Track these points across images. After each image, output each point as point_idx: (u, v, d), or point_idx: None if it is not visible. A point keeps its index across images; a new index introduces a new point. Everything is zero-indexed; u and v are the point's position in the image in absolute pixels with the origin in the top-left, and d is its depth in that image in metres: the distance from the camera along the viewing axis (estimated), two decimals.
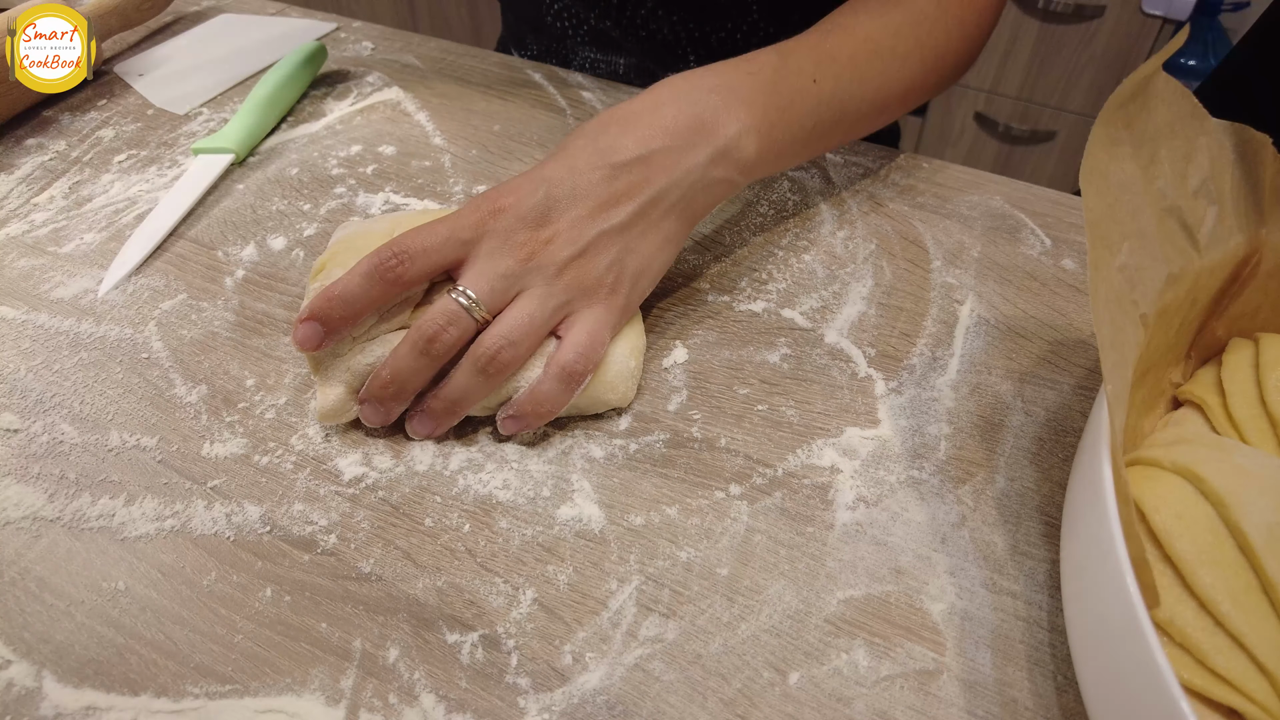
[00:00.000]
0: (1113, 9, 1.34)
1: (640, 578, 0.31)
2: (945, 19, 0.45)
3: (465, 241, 0.34)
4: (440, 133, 0.54)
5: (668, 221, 0.37)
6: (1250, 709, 0.23)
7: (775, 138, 0.39)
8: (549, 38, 0.70)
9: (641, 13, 0.62)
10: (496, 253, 0.34)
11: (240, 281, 0.43)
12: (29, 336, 0.40)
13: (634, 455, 0.35)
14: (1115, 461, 0.25)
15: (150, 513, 0.33)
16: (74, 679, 0.28)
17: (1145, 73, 0.29)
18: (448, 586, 0.31)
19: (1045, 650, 0.29)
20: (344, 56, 0.62)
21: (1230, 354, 0.33)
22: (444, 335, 0.33)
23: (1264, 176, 0.32)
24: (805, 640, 0.29)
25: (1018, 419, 0.36)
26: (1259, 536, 0.25)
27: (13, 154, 0.52)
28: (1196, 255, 0.31)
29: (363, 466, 0.34)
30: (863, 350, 0.39)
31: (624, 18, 0.63)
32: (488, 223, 0.34)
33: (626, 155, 0.35)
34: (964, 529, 0.32)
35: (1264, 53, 0.60)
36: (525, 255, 0.34)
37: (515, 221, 0.34)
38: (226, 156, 0.51)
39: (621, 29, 0.64)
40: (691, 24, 0.62)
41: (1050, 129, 1.51)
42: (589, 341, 0.34)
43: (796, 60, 0.41)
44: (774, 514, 0.33)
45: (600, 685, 0.28)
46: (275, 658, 0.29)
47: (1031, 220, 0.46)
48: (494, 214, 0.34)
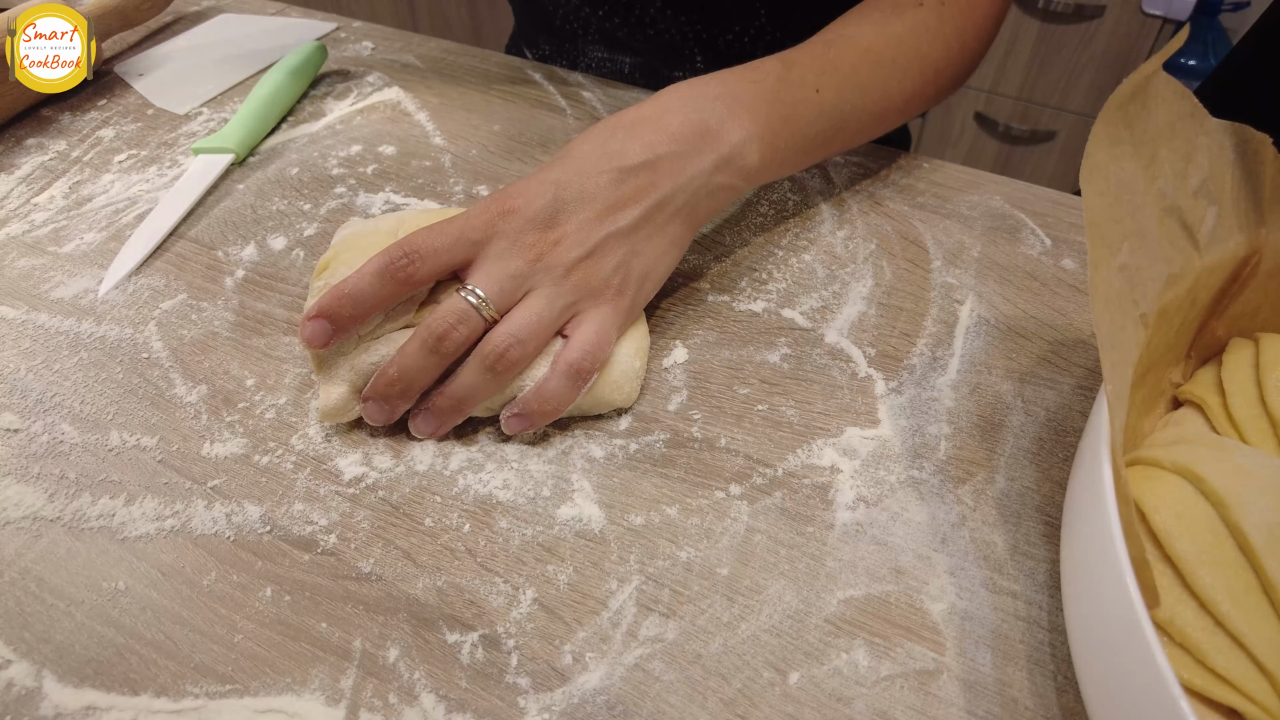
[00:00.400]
0: (1113, 9, 1.34)
1: (640, 578, 0.31)
2: (946, 31, 0.46)
3: (475, 242, 0.34)
4: (440, 133, 0.54)
5: (673, 225, 0.37)
6: (1250, 709, 0.23)
7: (778, 146, 0.40)
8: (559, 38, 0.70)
9: (650, 13, 0.62)
10: (506, 253, 0.34)
11: (240, 281, 0.43)
12: (29, 336, 0.40)
13: (634, 455, 0.35)
14: (1115, 461, 0.25)
15: (150, 513, 0.33)
16: (74, 679, 0.28)
17: (1145, 73, 0.29)
18: (448, 586, 0.31)
19: (1045, 650, 0.29)
20: (344, 56, 0.62)
21: (1230, 354, 0.33)
22: (453, 333, 0.33)
23: (1264, 176, 0.32)
24: (805, 640, 0.29)
25: (1018, 419, 0.36)
26: (1259, 536, 0.25)
27: (13, 154, 0.52)
28: (1196, 255, 0.31)
29: (363, 466, 0.34)
30: (863, 350, 0.39)
31: (631, 17, 0.63)
32: (497, 224, 0.34)
33: (633, 160, 0.36)
34: (964, 529, 0.32)
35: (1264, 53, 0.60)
36: (534, 256, 0.34)
37: (524, 223, 0.35)
38: (226, 156, 0.51)
39: (629, 28, 0.64)
40: (699, 25, 0.62)
41: (1050, 129, 1.51)
42: (596, 340, 0.35)
43: (800, 70, 0.41)
44: (774, 514, 0.33)
45: (600, 685, 0.28)
46: (275, 658, 0.29)
47: (1031, 220, 0.46)
48: (503, 215, 0.35)
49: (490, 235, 0.34)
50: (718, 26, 0.62)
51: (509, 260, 0.34)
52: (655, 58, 0.66)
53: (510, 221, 0.35)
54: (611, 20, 0.64)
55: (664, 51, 0.65)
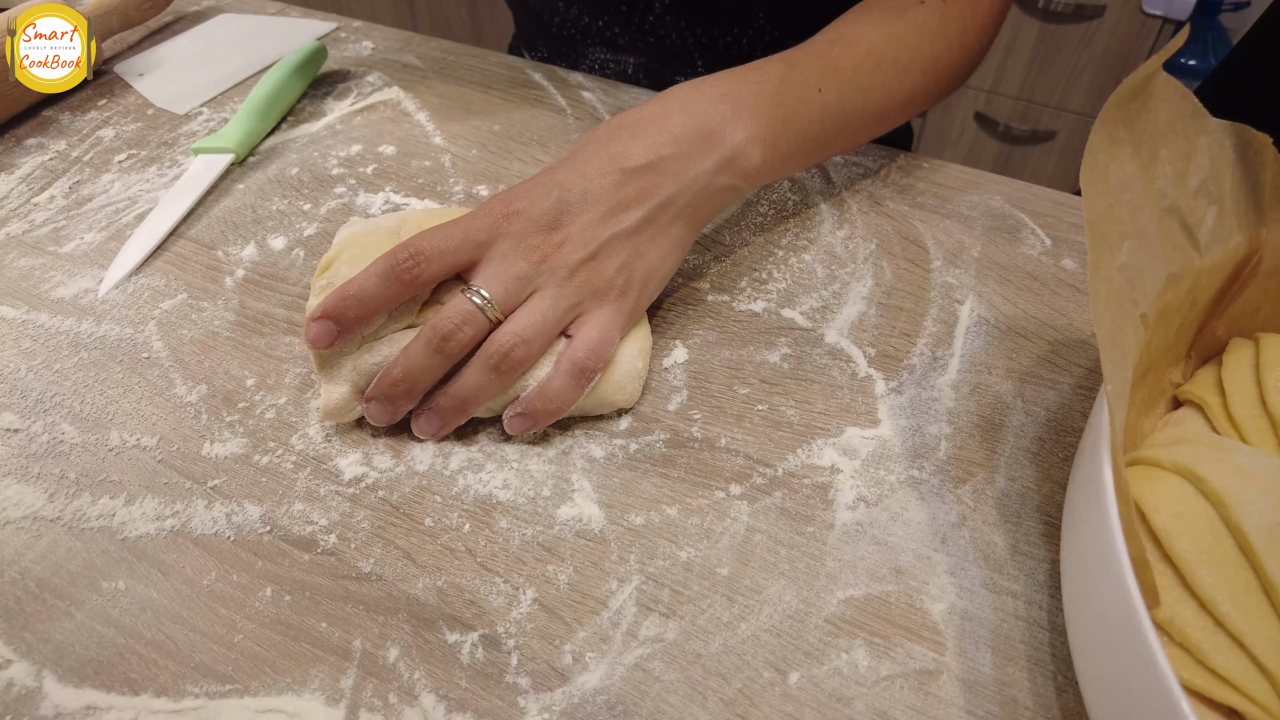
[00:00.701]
0: (1113, 9, 1.34)
1: (640, 577, 0.31)
2: (947, 31, 0.46)
3: (479, 243, 0.35)
4: (440, 133, 0.54)
5: (675, 226, 0.37)
6: (1250, 709, 0.23)
7: (779, 146, 0.40)
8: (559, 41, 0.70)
9: (650, 19, 0.62)
10: (510, 254, 0.35)
11: (240, 281, 0.43)
12: (29, 336, 0.40)
13: (634, 455, 0.35)
14: (1115, 461, 0.25)
15: (150, 512, 0.33)
16: (74, 679, 0.28)
17: (1145, 72, 0.29)
18: (448, 586, 0.31)
19: (1045, 650, 0.29)
20: (344, 56, 0.62)
21: (1230, 354, 0.33)
22: (459, 334, 0.33)
23: (1264, 176, 0.32)
24: (805, 640, 0.29)
25: (1018, 419, 0.36)
26: (1259, 536, 0.25)
27: (13, 154, 0.52)
28: (1196, 255, 0.31)
29: (363, 466, 0.34)
30: (863, 350, 0.39)
31: (632, 24, 0.63)
32: (501, 225, 0.35)
33: (636, 161, 0.36)
34: (964, 529, 0.32)
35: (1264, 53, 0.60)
36: (538, 258, 0.35)
37: (528, 224, 0.35)
38: (226, 156, 0.51)
39: (629, 35, 0.64)
40: (699, 29, 0.62)
41: (1050, 129, 1.51)
42: (600, 339, 0.35)
43: (801, 71, 0.41)
44: (774, 514, 0.33)
45: (600, 685, 0.28)
46: (275, 657, 0.29)
47: (1032, 220, 0.46)
48: (507, 217, 0.35)
49: (494, 237, 0.35)
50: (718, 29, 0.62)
51: (513, 261, 0.35)
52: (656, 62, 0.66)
53: (514, 223, 0.35)
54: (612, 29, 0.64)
55: (665, 56, 0.65)
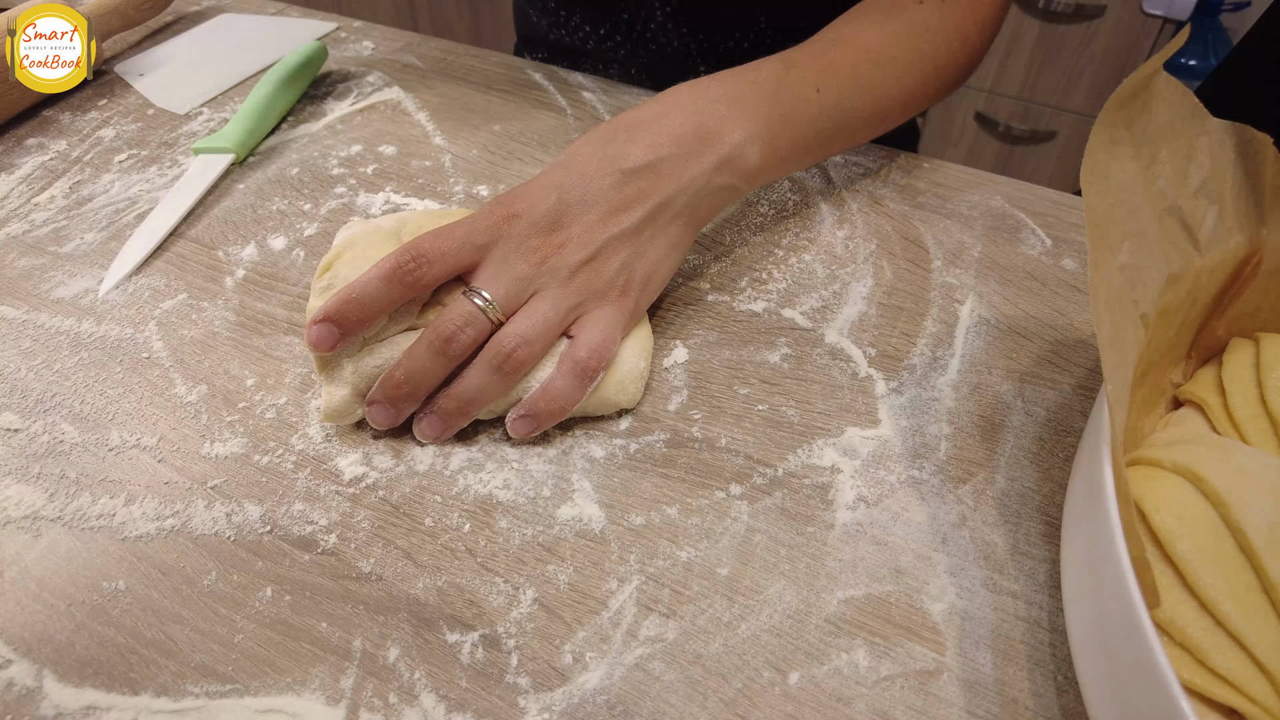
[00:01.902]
0: (1113, 9, 1.34)
1: (640, 577, 0.31)
2: (946, 30, 0.46)
3: (480, 246, 0.35)
4: (440, 133, 0.54)
5: (674, 227, 0.37)
6: (1250, 709, 0.23)
7: (778, 146, 0.40)
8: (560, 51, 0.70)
9: (651, 26, 0.62)
10: (511, 256, 0.35)
11: (240, 281, 0.43)
12: (29, 336, 0.40)
13: (634, 455, 0.35)
14: (1116, 461, 0.25)
15: (150, 512, 0.33)
16: (74, 678, 0.28)
17: (1146, 72, 0.29)
18: (448, 586, 0.31)
19: (1045, 650, 0.29)
20: (344, 56, 0.62)
21: (1231, 354, 0.33)
22: (461, 335, 0.33)
23: (1264, 176, 0.32)
24: (805, 640, 0.29)
25: (1018, 419, 0.36)
26: (1259, 537, 0.25)
27: (13, 154, 0.52)
28: (1197, 255, 0.31)
29: (363, 466, 0.34)
30: (863, 350, 0.39)
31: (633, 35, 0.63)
32: (502, 228, 0.35)
33: (635, 162, 0.36)
34: (964, 529, 0.32)
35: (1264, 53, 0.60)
36: (539, 259, 0.35)
37: (529, 226, 0.35)
38: (227, 156, 0.51)
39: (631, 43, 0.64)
40: (700, 35, 0.62)
41: (1050, 129, 1.51)
42: (602, 339, 0.35)
43: (800, 70, 0.41)
44: (774, 514, 0.33)
45: (600, 685, 0.28)
46: (275, 657, 0.29)
47: (1032, 220, 0.46)
48: (508, 219, 0.35)
49: (495, 239, 0.35)
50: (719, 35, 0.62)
51: (514, 263, 0.35)
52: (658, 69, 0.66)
53: (515, 225, 0.35)
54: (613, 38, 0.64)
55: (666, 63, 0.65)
